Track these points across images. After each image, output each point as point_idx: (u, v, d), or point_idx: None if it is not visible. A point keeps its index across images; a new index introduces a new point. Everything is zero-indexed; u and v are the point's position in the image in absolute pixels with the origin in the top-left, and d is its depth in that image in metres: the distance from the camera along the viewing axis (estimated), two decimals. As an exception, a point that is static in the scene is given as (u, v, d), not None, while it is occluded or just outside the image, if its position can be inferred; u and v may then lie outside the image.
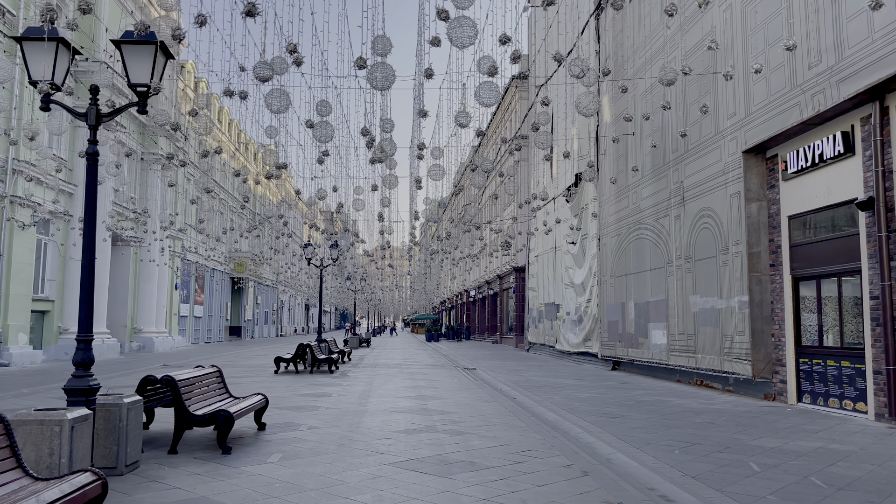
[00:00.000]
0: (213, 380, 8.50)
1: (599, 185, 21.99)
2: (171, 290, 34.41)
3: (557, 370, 20.81)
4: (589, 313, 23.14)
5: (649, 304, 17.87)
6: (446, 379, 17.43)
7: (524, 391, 14.49)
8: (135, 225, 29.76)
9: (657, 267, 17.34)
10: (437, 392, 14.04)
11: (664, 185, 16.94)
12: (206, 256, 40.20)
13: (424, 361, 25.07)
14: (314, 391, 13.79)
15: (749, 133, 13.05)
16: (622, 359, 19.89)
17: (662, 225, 17.01)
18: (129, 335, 29.25)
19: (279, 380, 16.39)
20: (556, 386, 15.68)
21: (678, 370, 16.33)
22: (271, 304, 62.44)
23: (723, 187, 14.02)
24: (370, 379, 17.00)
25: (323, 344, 20.87)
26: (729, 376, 13.96)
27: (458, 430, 9.04)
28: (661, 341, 17.10)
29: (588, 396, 13.48)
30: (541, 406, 11.96)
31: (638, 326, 18.64)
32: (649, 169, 17.86)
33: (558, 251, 27.87)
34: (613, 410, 11.38)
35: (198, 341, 39.87)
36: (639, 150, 18.65)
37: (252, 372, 18.73)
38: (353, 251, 34.83)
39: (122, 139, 27.67)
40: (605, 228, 21.47)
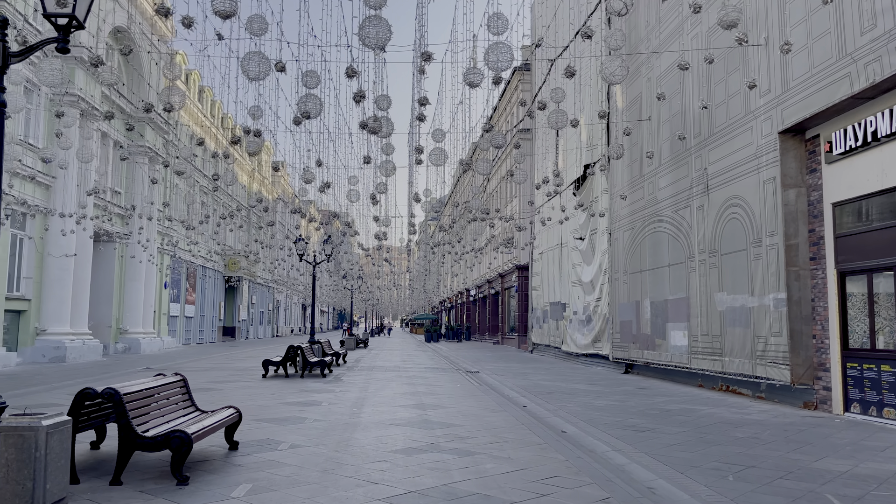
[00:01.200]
0: (176, 391, 7.15)
1: (611, 176, 20.65)
2: (159, 289, 33.04)
3: (566, 373, 19.48)
4: (599, 313, 21.80)
5: (668, 303, 16.53)
6: (448, 384, 16.09)
7: (534, 398, 13.15)
8: (120, 221, 28.39)
9: (677, 262, 16.01)
10: (439, 399, 12.69)
11: (684, 174, 15.60)
12: (194, 253, 38.78)
13: (424, 364, 23.73)
14: (302, 399, 12.43)
15: (787, 112, 11.72)
16: (636, 361, 18.55)
17: (683, 217, 15.68)
18: (114, 336, 27.88)
19: (266, 385, 15.03)
20: (568, 392, 14.34)
21: (700, 374, 14.99)
22: (267, 304, 61.05)
23: (754, 173, 12.68)
24: (365, 384, 15.65)
25: (315, 346, 19.52)
26: (761, 382, 12.63)
27: (465, 450, 7.69)
28: (681, 343, 15.77)
29: (606, 404, 12.14)
30: (556, 416, 10.63)
31: (655, 327, 17.30)
32: (667, 156, 16.53)
33: (564, 247, 26.53)
34: (639, 422, 10.04)
35: (189, 342, 38.49)
36: (655, 136, 17.32)
37: (238, 376, 17.37)
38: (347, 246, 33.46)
39: (106, 129, 26.31)
40: (616, 222, 20.13)
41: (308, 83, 9.68)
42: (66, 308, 22.57)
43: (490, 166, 13.57)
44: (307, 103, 9.24)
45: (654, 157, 17.28)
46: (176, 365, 21.76)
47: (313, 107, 9.32)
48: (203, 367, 20.98)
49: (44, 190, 22.36)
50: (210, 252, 39.74)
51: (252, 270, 49.15)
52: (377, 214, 17.69)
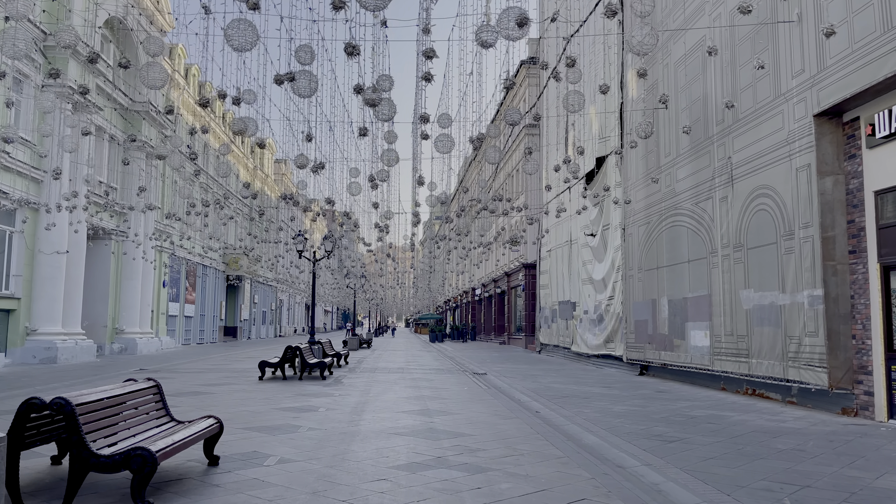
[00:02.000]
0: (147, 399, 6.28)
1: (624, 169, 19.73)
2: (157, 287, 32.23)
3: (578, 375, 18.56)
4: (611, 312, 20.87)
5: (687, 301, 15.61)
6: (454, 386, 15.19)
7: (547, 402, 12.25)
8: (116, 217, 27.59)
9: (697, 258, 15.08)
10: (445, 404, 11.80)
11: (706, 164, 14.67)
12: (192, 251, 37.97)
13: (429, 365, 22.85)
14: (298, 403, 11.55)
15: (823, 93, 10.79)
16: (652, 363, 17.63)
17: (704, 209, 14.75)
18: (109, 336, 27.07)
19: (261, 389, 14.16)
20: (582, 395, 13.43)
21: (723, 377, 14.07)
22: (269, 304, 60.26)
23: (786, 160, 11.75)
24: (367, 387, 14.77)
25: (316, 346, 18.65)
26: (792, 385, 11.70)
27: (477, 465, 6.80)
28: (702, 343, 14.84)
29: (626, 410, 11.23)
30: (573, 424, 9.73)
31: (673, 326, 16.37)
32: (687, 146, 15.60)
33: (574, 244, 25.61)
34: (666, 430, 9.13)
35: (189, 342, 37.69)
36: (673, 125, 16.39)
37: (234, 378, 16.52)
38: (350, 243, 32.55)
39: (100, 122, 25.50)
40: (631, 217, 19.20)
41: (302, 59, 8.80)
42: (57, 307, 21.76)
43: (499, 154, 12.69)
44: (300, 79, 8.37)
45: (672, 146, 16.37)
46: (171, 366, 20.93)
47: (304, 85, 8.44)
48: (198, 368, 20.13)
49: (35, 185, 21.55)
50: (205, 248, 38.83)
51: (254, 269, 48.34)
52: (376, 201, 16.75)
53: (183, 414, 10.01)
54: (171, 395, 12.68)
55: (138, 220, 27.81)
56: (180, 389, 13.71)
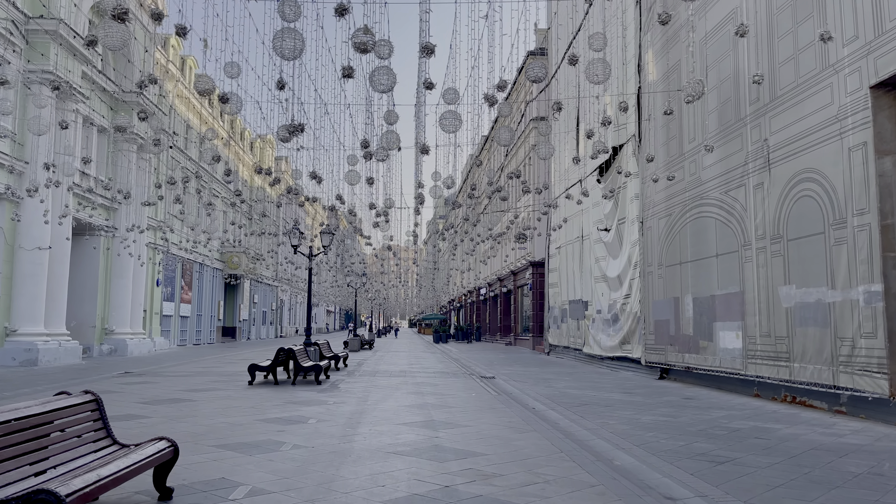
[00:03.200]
0: (83, 418, 5.01)
1: (642, 158, 18.41)
2: (151, 286, 31.01)
3: (593, 379, 17.26)
4: (627, 311, 19.55)
5: (715, 299, 14.29)
6: (461, 392, 13.91)
7: (565, 411, 10.96)
8: (105, 212, 26.37)
9: (727, 251, 13.76)
10: (452, 414, 10.51)
11: (737, 148, 13.36)
12: (185, 247, 36.73)
13: (433, 367, 21.56)
14: (287, 413, 10.27)
15: (881, 61, 9.49)
16: (674, 366, 16.31)
17: (735, 198, 13.43)
18: (98, 337, 25.85)
19: (248, 395, 12.89)
20: (603, 403, 12.13)
21: (757, 382, 12.76)
22: (270, 304, 59.04)
23: (836, 139, 10.44)
24: (365, 393, 13.49)
25: (312, 348, 17.38)
26: (841, 393, 10.39)
27: (494, 498, 5.51)
28: (733, 345, 13.52)
29: (656, 421, 9.94)
30: (599, 438, 8.44)
31: (698, 326, 15.06)
32: (715, 130, 14.29)
33: (586, 240, 24.29)
34: (710, 448, 7.83)
35: (185, 343, 36.47)
36: (699, 107, 15.07)
37: (222, 383, 15.26)
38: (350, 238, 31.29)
39: (88, 113, 24.27)
40: (650, 209, 17.89)
41: (287, 16, 7.53)
42: (39, 306, 20.53)
43: (512, 135, 11.42)
44: (283, 38, 7.10)
45: (699, 131, 15.06)
46: (159, 369, 19.69)
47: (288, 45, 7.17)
48: (187, 371, 18.89)
49: (16, 177, 20.33)
50: (194, 242, 37.52)
51: (253, 268, 47.11)
52: (373, 201, 15.52)
53: (149, 429, 8.75)
54: (146, 402, 11.43)
55: (128, 216, 26.54)
56: (158, 396, 12.45)
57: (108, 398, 12.10)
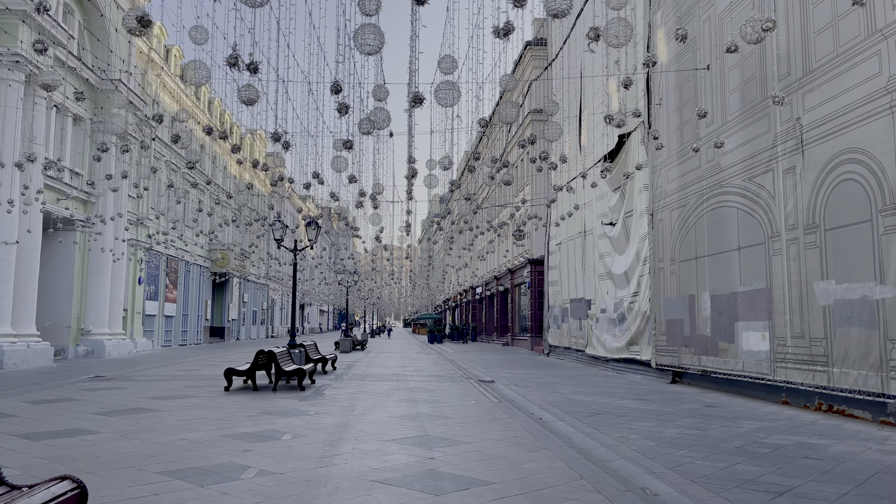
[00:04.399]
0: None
1: (652, 146, 17.15)
2: (133, 285, 29.61)
3: (600, 383, 16.01)
4: (635, 310, 18.30)
5: (737, 296, 13.04)
6: (458, 399, 12.61)
7: (577, 422, 9.69)
8: (81, 206, 24.97)
9: (752, 244, 12.51)
10: (449, 427, 9.22)
11: (763, 129, 12.11)
12: (168, 244, 35.31)
13: (427, 370, 20.26)
14: (259, 427, 8.95)
15: (944, 20, 8.24)
16: (688, 369, 15.06)
17: (761, 185, 12.18)
18: (73, 338, 24.45)
19: (221, 404, 11.57)
20: (617, 412, 10.86)
21: (785, 388, 11.52)
22: (260, 303, 57.61)
23: (885, 114, 9.19)
24: (352, 401, 12.17)
25: (296, 350, 16.05)
26: (889, 402, 9.15)
27: (506, 552, 4.21)
28: (758, 347, 12.27)
29: (681, 435, 8.67)
30: (624, 459, 7.17)
31: (717, 326, 13.81)
32: (737, 111, 13.04)
33: (589, 235, 23.03)
34: (757, 471, 6.57)
35: (170, 344, 35.04)
36: (718, 88, 13.83)
37: (195, 389, 13.93)
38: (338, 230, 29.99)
39: (62, 100, 22.87)
40: (660, 200, 16.64)
41: None
42: (6, 305, 19.14)
43: (517, 111, 10.14)
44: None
45: (717, 113, 13.81)
46: (133, 372, 18.33)
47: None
48: (162, 375, 17.54)
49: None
50: (179, 237, 36.13)
51: (242, 266, 45.69)
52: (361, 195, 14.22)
53: (89, 448, 7.43)
54: (103, 413, 10.09)
55: (106, 209, 25.16)
56: (119, 405, 11.11)
57: (63, 407, 10.78)
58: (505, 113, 10.05)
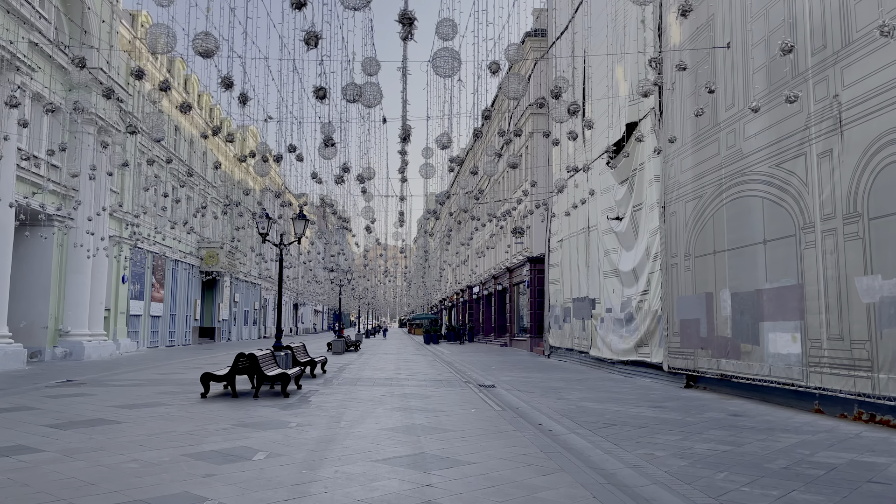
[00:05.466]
0: None
1: (664, 134, 16.06)
2: (116, 283, 28.38)
3: (608, 388, 14.89)
4: (645, 309, 17.19)
5: (762, 294, 11.92)
6: (457, 408, 11.47)
7: (592, 435, 8.57)
8: (59, 200, 23.74)
9: (779, 236, 11.40)
10: (449, 442, 8.07)
11: (795, 109, 10.99)
12: (158, 241, 34.07)
13: (423, 373, 19.11)
14: (230, 444, 7.79)
15: None
16: (705, 373, 13.95)
17: (791, 171, 11.07)
18: (51, 339, 23.21)
19: (193, 414, 10.40)
20: (634, 422, 9.74)
21: (819, 395, 10.41)
22: (252, 303, 56.37)
23: (945, 85, 8.08)
24: (340, 409, 11.02)
25: (282, 353, 14.88)
26: (947, 413, 8.04)
27: None
28: (788, 350, 11.15)
29: (715, 452, 7.55)
30: (656, 484, 6.04)
31: (738, 327, 12.69)
32: (762, 90, 11.93)
33: (594, 231, 21.91)
34: (821, 502, 5.45)
35: (156, 345, 33.80)
36: (739, 67, 12.72)
37: (171, 395, 12.75)
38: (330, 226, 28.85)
39: (39, 90, 21.65)
40: (673, 192, 15.53)
41: None
42: (-27, 304, 17.93)
43: (524, 85, 9.01)
44: None
45: (738, 94, 12.70)
46: (108, 376, 17.14)
47: None
48: (138, 379, 16.34)
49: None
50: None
51: (233, 265, 44.45)
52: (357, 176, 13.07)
53: (23, 473, 6.26)
54: (56, 426, 8.91)
55: (86, 204, 23.92)
56: (79, 416, 9.93)
57: (14, 419, 9.60)
58: (510, 87, 8.92)
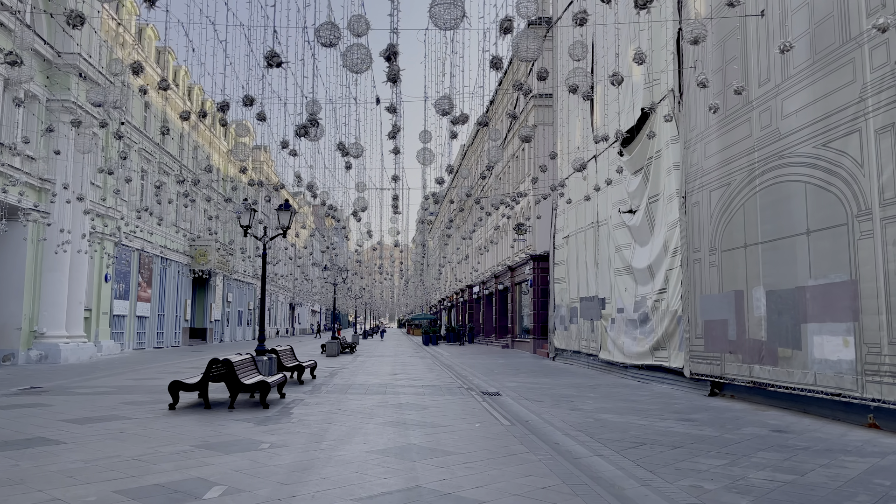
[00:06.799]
0: None
1: (685, 118, 14.66)
2: (98, 282, 26.96)
3: (625, 396, 13.49)
4: (662, 309, 15.79)
5: (805, 292, 10.52)
6: (459, 420, 10.06)
7: (620, 458, 7.17)
8: (34, 194, 22.32)
9: (827, 226, 10.00)
10: (451, 470, 6.67)
11: (845, 79, 9.60)
12: (145, 238, 32.63)
13: (421, 378, 17.69)
14: (180, 475, 6.37)
15: None
16: (733, 380, 12.54)
17: (842, 150, 9.67)
18: (25, 341, 21.78)
19: (151, 431, 8.97)
20: (664, 440, 8.33)
21: (875, 407, 9.01)
22: (247, 303, 54.92)
23: None
24: (325, 424, 9.60)
25: (264, 357, 13.45)
26: None
27: None
28: (838, 355, 9.75)
29: (775, 482, 6.17)
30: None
31: (775, 329, 11.28)
32: (804, 62, 10.53)
33: (603, 226, 20.51)
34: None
35: (143, 346, 32.36)
36: (775, 37, 11.31)
37: (135, 406, 11.33)
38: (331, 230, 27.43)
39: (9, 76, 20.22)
40: (696, 180, 14.13)
41: None
42: (-68, 304, 16.51)
43: (539, 45, 7.62)
44: None
45: (774, 69, 11.30)
46: (78, 382, 15.72)
47: None
48: (108, 386, 14.91)
49: None
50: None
51: (225, 263, 43.01)
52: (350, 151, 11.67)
53: None
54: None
55: (63, 199, 22.48)
56: (16, 434, 8.50)
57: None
58: (525, 47, 7.52)
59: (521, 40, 7.61)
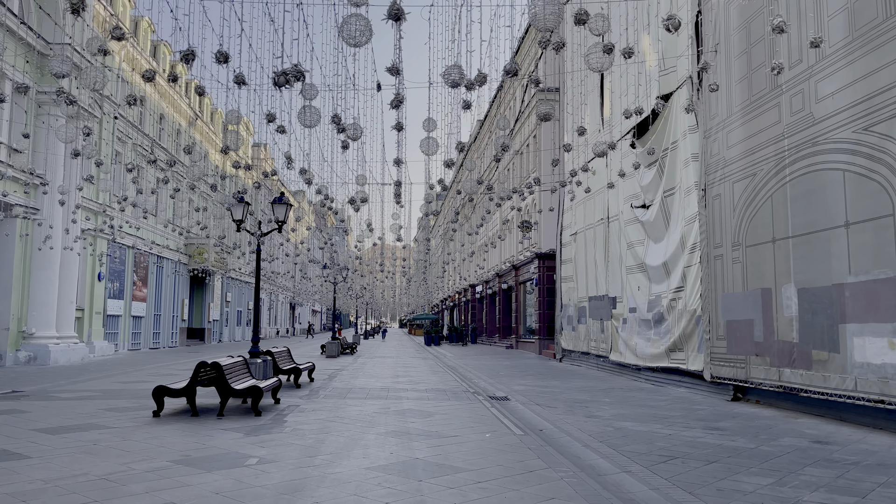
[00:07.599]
0: None
1: (704, 106, 13.83)
2: (91, 281, 26.15)
3: (642, 401, 12.66)
4: (679, 309, 14.96)
5: (843, 290, 9.68)
6: (468, 430, 9.23)
7: (650, 475, 6.37)
8: (22, 190, 21.51)
9: (869, 217, 9.16)
10: (462, 492, 5.85)
11: (891, 56, 8.77)
12: (141, 235, 31.82)
13: (425, 381, 16.87)
14: (153, 498, 5.55)
15: None
16: (760, 384, 11.71)
17: (887, 135, 8.84)
18: (13, 342, 20.97)
19: (131, 440, 8.15)
20: (695, 454, 7.51)
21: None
22: (246, 302, 54.11)
23: None
24: (321, 434, 8.78)
25: (258, 360, 12.63)
26: None
27: None
28: (882, 359, 8.91)
29: None
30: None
31: (809, 330, 10.45)
32: (842, 39, 9.70)
33: (614, 222, 19.67)
34: None
35: (138, 347, 31.55)
36: (806, 15, 10.47)
37: (117, 412, 10.52)
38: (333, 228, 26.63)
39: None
40: (717, 171, 13.29)
41: None
42: (-89, 303, 15.71)
43: (559, 11, 6.79)
44: None
45: (805, 49, 10.46)
46: (67, 384, 14.91)
47: None
48: (93, 389, 14.10)
49: None
50: (161, 231, 32.67)
51: (224, 262, 42.20)
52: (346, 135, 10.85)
53: None
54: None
55: (54, 195, 21.69)
56: (-20, 446, 7.69)
57: None
58: (542, 17, 6.69)
59: (537, 7, 6.79)
